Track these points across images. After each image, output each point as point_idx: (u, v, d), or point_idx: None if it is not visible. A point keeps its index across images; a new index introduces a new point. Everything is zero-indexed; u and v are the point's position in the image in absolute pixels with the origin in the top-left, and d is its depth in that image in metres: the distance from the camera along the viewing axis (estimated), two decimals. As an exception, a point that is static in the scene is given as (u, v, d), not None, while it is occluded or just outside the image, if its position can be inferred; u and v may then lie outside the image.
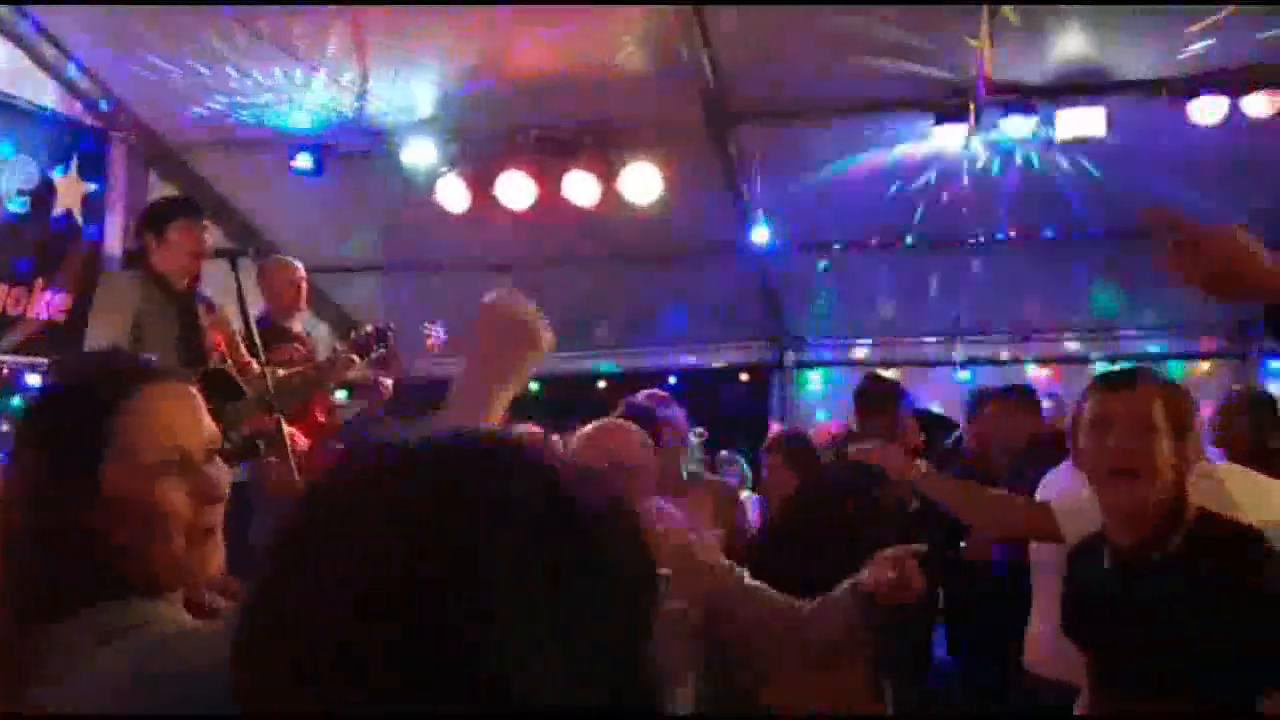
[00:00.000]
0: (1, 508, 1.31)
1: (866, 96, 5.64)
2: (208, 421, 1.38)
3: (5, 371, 5.83)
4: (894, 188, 6.25)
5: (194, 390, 1.40)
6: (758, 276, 7.41)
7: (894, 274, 7.33)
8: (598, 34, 5.53)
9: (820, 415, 8.00)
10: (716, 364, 8.28)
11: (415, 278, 7.72)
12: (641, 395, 4.79)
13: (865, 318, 7.88)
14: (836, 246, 7.03)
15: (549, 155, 6.15)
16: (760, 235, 6.59)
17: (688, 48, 5.41)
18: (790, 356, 8.15)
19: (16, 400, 5.92)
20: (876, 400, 4.77)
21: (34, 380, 5.94)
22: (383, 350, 4.93)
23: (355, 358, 4.85)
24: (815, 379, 8.21)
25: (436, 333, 5.58)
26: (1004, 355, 7.64)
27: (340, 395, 5.02)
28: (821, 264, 7.17)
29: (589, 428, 2.75)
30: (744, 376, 8.31)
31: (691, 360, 8.23)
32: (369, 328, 5.01)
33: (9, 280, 5.66)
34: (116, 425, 1.28)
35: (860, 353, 8.05)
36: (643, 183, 6.07)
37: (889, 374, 7.84)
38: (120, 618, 1.24)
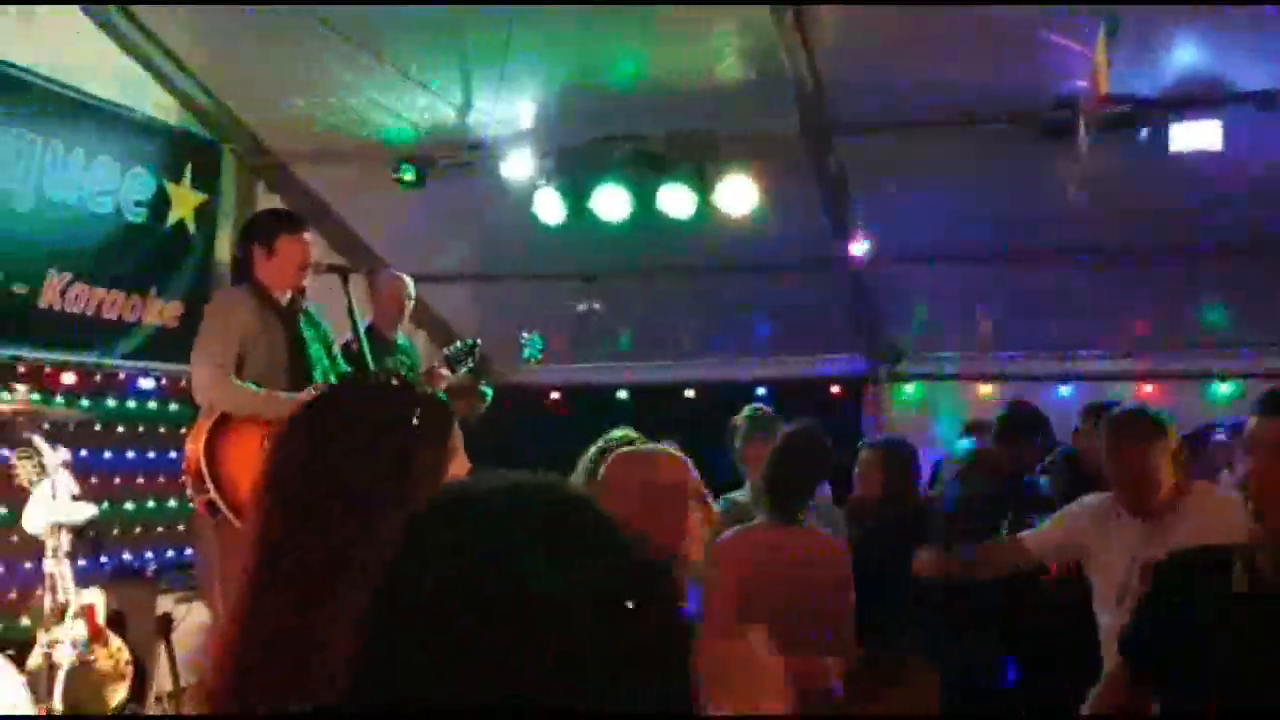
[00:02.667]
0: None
1: (970, 108, 5.56)
2: None
3: (121, 376, 6.04)
4: (997, 200, 6.16)
5: None
6: (853, 288, 7.34)
7: (994, 287, 7.20)
8: (697, 46, 5.54)
9: (914, 430, 7.90)
10: (808, 376, 8.21)
11: (511, 287, 7.82)
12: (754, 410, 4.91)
13: (963, 331, 7.76)
14: (935, 258, 6.95)
15: (645, 167, 6.17)
16: (859, 247, 6.52)
17: (789, 58, 5.39)
18: (885, 370, 8.05)
19: (131, 403, 6.13)
20: (1023, 428, 4.92)
21: (147, 384, 6.14)
22: (472, 364, 5.13)
23: (447, 371, 5.03)
24: (910, 393, 8.11)
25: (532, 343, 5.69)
26: (1108, 370, 7.45)
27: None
28: (919, 276, 7.09)
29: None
30: (835, 389, 8.22)
31: (782, 372, 8.17)
32: (459, 343, 5.18)
33: (125, 287, 5.87)
34: None
35: (958, 367, 7.93)
36: (739, 194, 6.06)
37: (987, 389, 7.77)
38: None
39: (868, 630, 3.91)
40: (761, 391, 7.98)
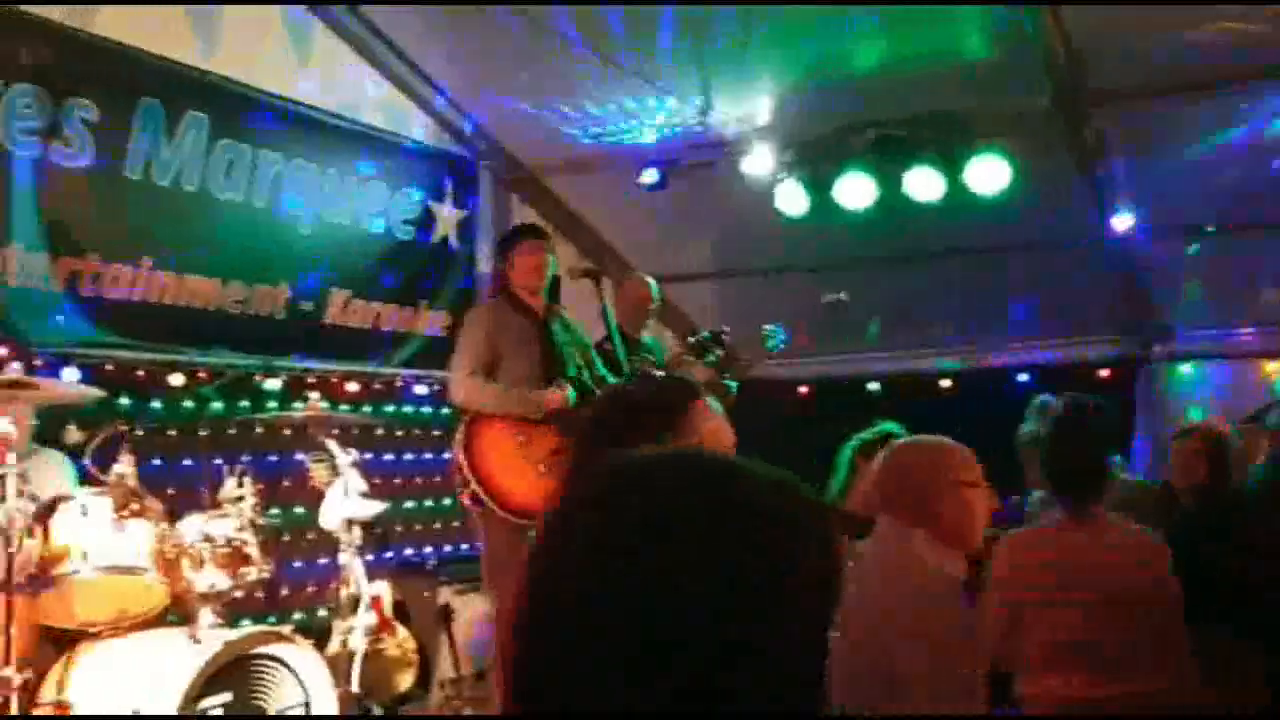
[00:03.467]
0: None
1: (1243, 65, 5.14)
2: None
3: (398, 383, 6.47)
4: (1268, 164, 5.67)
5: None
6: (1119, 265, 6.93)
7: (1272, 256, 6.63)
8: (939, 25, 5.39)
9: (1193, 413, 7.38)
10: (1073, 360, 7.79)
11: (755, 282, 7.83)
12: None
13: (1244, 304, 7.18)
14: (1210, 229, 6.46)
15: (889, 152, 6.05)
16: (1122, 222, 6.16)
17: (1036, 26, 5.16)
18: (1158, 350, 7.54)
19: (407, 408, 6.56)
20: None
21: (421, 390, 6.55)
22: (720, 352, 5.19)
23: (693, 357, 5.13)
24: (1188, 373, 7.56)
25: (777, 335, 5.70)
26: None
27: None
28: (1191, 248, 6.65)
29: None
30: (1104, 373, 7.77)
31: (1045, 357, 7.80)
32: (705, 332, 5.25)
33: (398, 301, 6.30)
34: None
35: (1240, 343, 7.33)
36: (990, 174, 5.84)
37: (1274, 366, 7.15)
38: None
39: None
40: (1023, 378, 7.67)
